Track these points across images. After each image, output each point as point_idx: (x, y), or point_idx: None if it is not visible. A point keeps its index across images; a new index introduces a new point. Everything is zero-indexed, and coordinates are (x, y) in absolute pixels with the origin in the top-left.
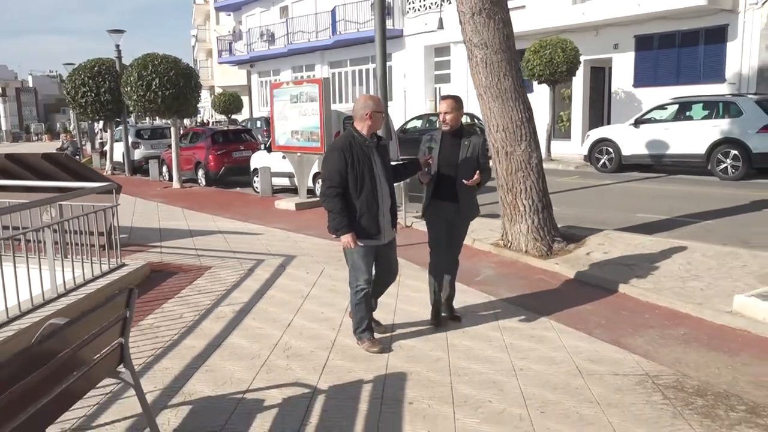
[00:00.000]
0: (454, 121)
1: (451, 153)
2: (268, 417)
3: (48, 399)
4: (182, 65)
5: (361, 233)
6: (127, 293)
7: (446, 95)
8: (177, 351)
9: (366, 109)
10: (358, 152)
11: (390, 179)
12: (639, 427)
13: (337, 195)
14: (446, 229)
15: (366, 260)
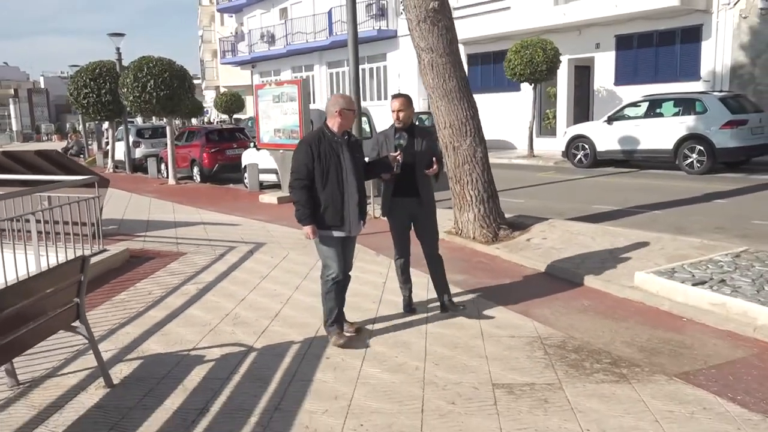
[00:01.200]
0: (407, 119)
1: (407, 149)
2: (205, 368)
3: (13, 337)
4: (176, 67)
5: (325, 224)
6: (81, 260)
7: (398, 94)
8: (140, 320)
9: (336, 106)
10: (326, 147)
11: (359, 175)
12: (512, 374)
13: (303, 187)
14: (408, 224)
15: (334, 250)
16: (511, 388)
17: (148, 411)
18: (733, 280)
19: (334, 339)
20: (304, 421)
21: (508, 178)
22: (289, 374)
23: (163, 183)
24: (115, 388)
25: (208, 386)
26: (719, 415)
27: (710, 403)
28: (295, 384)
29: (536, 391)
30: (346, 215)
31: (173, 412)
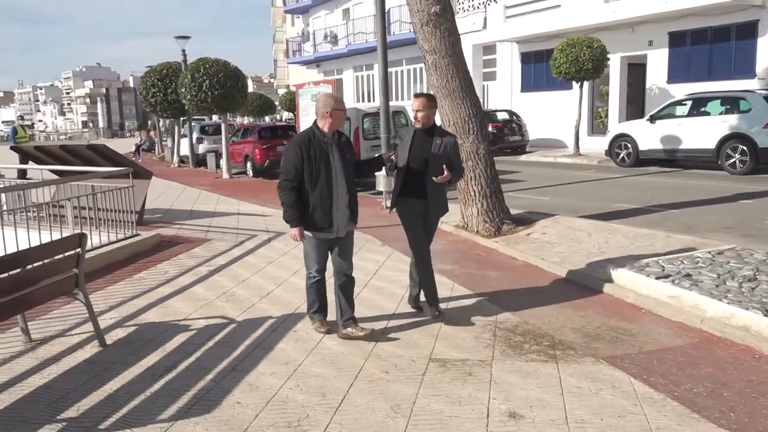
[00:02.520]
0: (425, 119)
1: (422, 150)
2: (187, 335)
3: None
4: (230, 68)
5: (312, 226)
6: (78, 237)
7: (419, 93)
8: (148, 295)
9: (327, 107)
10: (316, 148)
11: (350, 176)
12: (452, 351)
13: (292, 189)
14: (421, 221)
15: (317, 251)
16: (444, 362)
17: (127, 366)
18: (699, 275)
19: (316, 325)
20: (251, 380)
21: (544, 177)
22: (255, 343)
23: (217, 177)
24: (107, 347)
25: (184, 350)
26: (624, 393)
27: (621, 383)
28: (257, 351)
29: (466, 366)
30: (335, 217)
31: (146, 368)
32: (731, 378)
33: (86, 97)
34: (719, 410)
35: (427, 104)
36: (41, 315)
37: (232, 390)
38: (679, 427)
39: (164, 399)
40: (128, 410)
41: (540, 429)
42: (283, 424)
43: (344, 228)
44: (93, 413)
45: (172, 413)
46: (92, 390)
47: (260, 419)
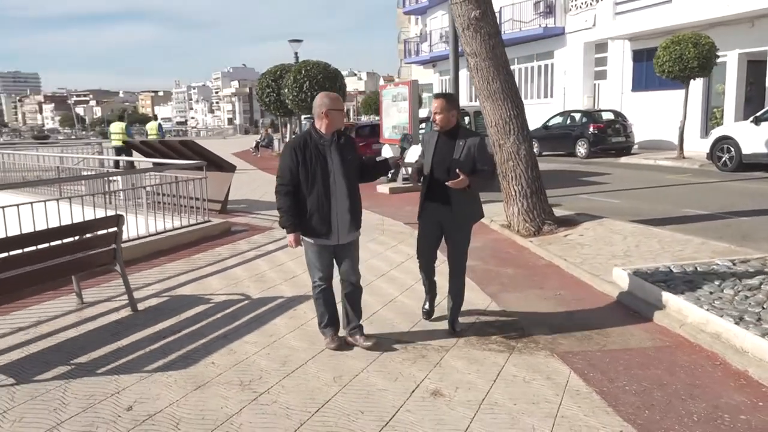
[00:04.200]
0: (443, 122)
1: (444, 154)
2: (205, 306)
3: (67, 260)
4: (330, 69)
5: (311, 232)
6: (116, 217)
7: (438, 94)
8: (193, 272)
9: (322, 107)
10: (312, 150)
11: (351, 178)
12: (421, 336)
13: (287, 193)
14: (436, 231)
15: (319, 258)
16: (407, 345)
17: (143, 328)
18: (702, 282)
19: (327, 341)
20: (234, 346)
21: (633, 179)
22: (255, 317)
23: None
24: (137, 312)
25: (195, 318)
26: (554, 384)
27: (558, 375)
28: (253, 324)
29: (424, 350)
30: (334, 222)
31: (157, 331)
32: (674, 381)
33: (232, 96)
34: (637, 407)
35: (445, 106)
36: (99, 283)
37: (213, 353)
38: (585, 417)
39: (157, 355)
40: (125, 361)
41: (451, 407)
42: (236, 382)
43: (345, 234)
44: (98, 361)
45: (156, 366)
46: (106, 344)
47: (221, 377)
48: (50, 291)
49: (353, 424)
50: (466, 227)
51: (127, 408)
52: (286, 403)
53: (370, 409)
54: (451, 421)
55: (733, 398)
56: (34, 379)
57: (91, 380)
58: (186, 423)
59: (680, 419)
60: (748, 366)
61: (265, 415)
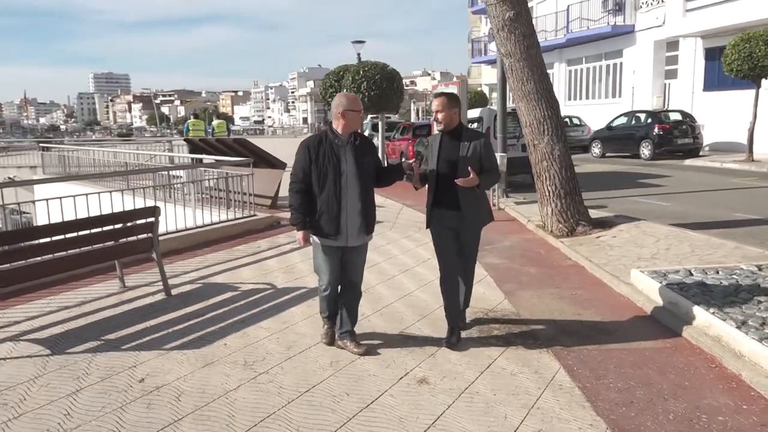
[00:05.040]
0: (445, 120)
1: (450, 155)
2: (233, 293)
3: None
4: (387, 70)
5: (319, 231)
6: (153, 208)
7: (439, 93)
8: (231, 263)
9: (339, 107)
10: (326, 150)
11: (365, 181)
12: (426, 329)
13: (299, 191)
14: (452, 237)
15: (327, 260)
16: (409, 337)
17: (172, 311)
18: (719, 285)
19: (322, 334)
20: (248, 330)
21: (692, 182)
22: (274, 305)
23: None
24: (170, 297)
25: (220, 304)
26: (539, 378)
27: (546, 370)
28: (271, 311)
29: (424, 341)
30: (343, 224)
31: (183, 314)
32: (662, 381)
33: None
34: (615, 404)
35: (447, 104)
36: (143, 270)
37: (228, 336)
38: (559, 410)
39: (177, 335)
40: (148, 339)
41: (433, 394)
42: (241, 362)
43: (355, 237)
44: (124, 339)
45: (174, 345)
46: (136, 324)
47: (229, 357)
48: (98, 275)
49: (336, 404)
50: (477, 231)
51: (139, 380)
52: (280, 383)
53: (356, 392)
54: (428, 407)
55: (717, 400)
56: (66, 351)
57: (115, 354)
58: (186, 395)
59: (655, 417)
60: (742, 369)
61: (258, 392)
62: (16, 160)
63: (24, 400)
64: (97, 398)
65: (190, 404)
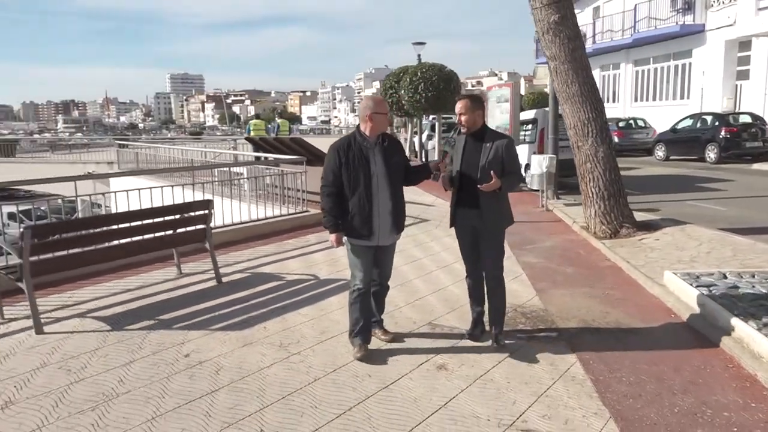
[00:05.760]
0: (469, 123)
1: (472, 157)
2: (278, 283)
3: (169, 234)
4: (445, 71)
5: (352, 233)
6: (206, 201)
7: (463, 95)
8: (279, 255)
9: (366, 110)
10: (356, 152)
11: (394, 181)
12: (454, 321)
13: (330, 194)
14: (473, 238)
15: (361, 260)
16: (434, 327)
17: (220, 296)
18: (751, 289)
19: (354, 351)
20: (287, 316)
21: (756, 187)
22: (315, 294)
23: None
24: (220, 284)
25: (265, 292)
26: (554, 369)
27: (562, 363)
28: (310, 299)
29: (449, 332)
30: (375, 224)
31: (230, 300)
32: (675, 377)
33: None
34: (623, 395)
35: (470, 106)
36: (198, 259)
37: (268, 320)
38: (568, 399)
39: (222, 318)
40: (196, 321)
41: (450, 380)
42: (277, 343)
43: (386, 236)
44: (176, 319)
45: (218, 326)
46: (187, 306)
47: (267, 338)
48: (158, 263)
49: (358, 384)
50: (498, 233)
51: (185, 355)
52: (310, 363)
53: (378, 374)
54: (442, 390)
55: (726, 397)
56: (124, 328)
57: (166, 332)
58: (225, 370)
59: (660, 410)
60: (758, 370)
61: (289, 371)
62: (95, 156)
63: (85, 368)
64: (147, 369)
65: (227, 378)
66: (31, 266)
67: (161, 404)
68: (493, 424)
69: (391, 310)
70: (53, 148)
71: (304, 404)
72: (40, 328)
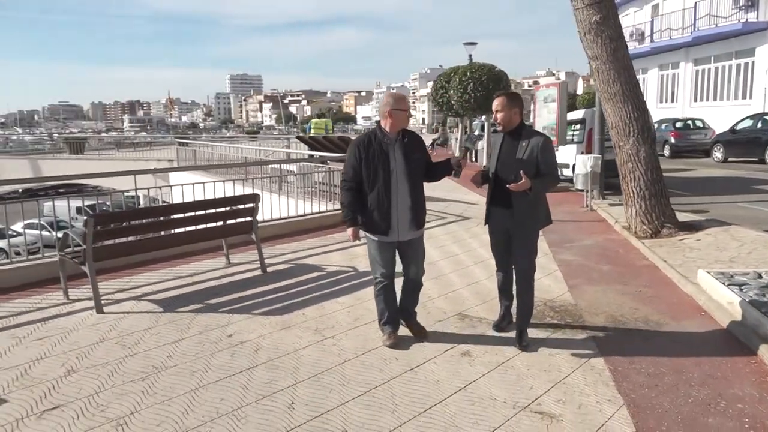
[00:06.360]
0: (504, 121)
1: (508, 156)
2: (319, 273)
3: (219, 225)
4: (494, 71)
5: (372, 228)
6: (254, 195)
7: (499, 92)
8: (323, 248)
9: (386, 106)
10: (375, 148)
11: (414, 177)
12: (484, 313)
13: (349, 189)
14: (505, 236)
15: (381, 255)
16: (465, 317)
17: (264, 284)
18: None
19: (384, 337)
20: (324, 304)
21: None
22: (353, 285)
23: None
24: (265, 273)
25: (307, 281)
26: (574, 359)
27: (583, 354)
28: (348, 289)
29: (478, 323)
30: (394, 220)
31: (273, 288)
32: (695, 370)
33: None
34: (639, 385)
35: (506, 104)
36: (246, 250)
37: (307, 307)
38: (584, 387)
39: (265, 304)
40: (240, 305)
41: (473, 365)
42: (313, 328)
43: (406, 231)
44: (223, 303)
45: (260, 311)
46: (233, 293)
47: (303, 323)
48: (209, 253)
49: (385, 366)
50: (530, 233)
51: (228, 335)
52: (342, 346)
53: (405, 358)
54: (464, 374)
55: (743, 390)
56: (175, 310)
57: (212, 315)
58: (263, 350)
59: (674, 399)
60: None
61: (322, 352)
62: (157, 154)
63: (138, 344)
64: (194, 346)
65: (265, 356)
66: (93, 251)
67: (204, 377)
68: (509, 406)
69: (424, 301)
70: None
71: (334, 382)
72: (100, 308)
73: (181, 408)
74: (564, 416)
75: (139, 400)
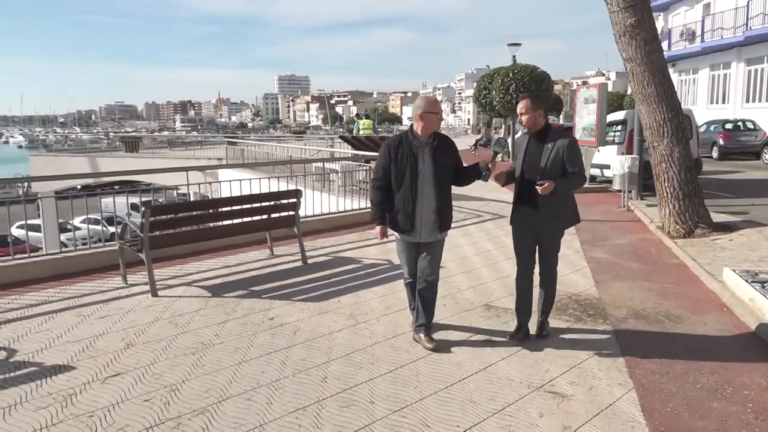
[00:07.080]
0: (529, 123)
1: (533, 158)
2: (356, 265)
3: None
4: (537, 72)
5: (396, 227)
6: (295, 191)
7: (524, 95)
8: (360, 242)
9: (417, 109)
10: (405, 150)
11: (442, 180)
12: (511, 304)
13: (378, 188)
14: (530, 237)
15: (405, 253)
16: (491, 307)
17: (304, 275)
18: None
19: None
20: (360, 293)
21: None
22: (387, 276)
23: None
24: (306, 264)
25: (344, 272)
26: (591, 347)
27: (601, 343)
28: (384, 279)
29: (502, 312)
30: (417, 221)
31: (312, 278)
32: (708, 360)
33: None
34: (651, 371)
35: (530, 106)
36: (289, 243)
37: (343, 295)
38: (597, 371)
39: (304, 291)
40: (282, 292)
41: (493, 349)
42: (348, 314)
43: (428, 233)
44: (266, 290)
45: (300, 298)
46: (275, 281)
47: (339, 309)
48: (254, 245)
49: (412, 348)
50: (555, 232)
51: (270, 318)
52: (373, 330)
53: None
54: (485, 357)
55: (752, 379)
56: (222, 295)
57: (256, 300)
58: (301, 332)
59: (682, 385)
60: None
61: (355, 335)
62: (207, 153)
63: (189, 324)
64: (238, 327)
65: (302, 337)
66: (149, 240)
67: (247, 353)
68: (524, 386)
69: (454, 292)
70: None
71: (363, 360)
72: (155, 292)
73: (226, 378)
74: (575, 396)
75: (189, 371)
